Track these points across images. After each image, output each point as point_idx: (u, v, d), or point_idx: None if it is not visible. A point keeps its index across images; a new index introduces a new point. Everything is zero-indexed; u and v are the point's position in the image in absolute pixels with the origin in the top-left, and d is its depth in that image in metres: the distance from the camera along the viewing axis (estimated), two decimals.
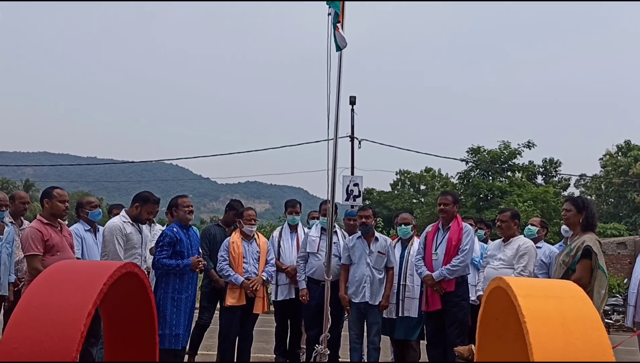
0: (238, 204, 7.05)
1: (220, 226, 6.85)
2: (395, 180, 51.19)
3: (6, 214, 5.82)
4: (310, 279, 6.34)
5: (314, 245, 6.39)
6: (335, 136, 5.34)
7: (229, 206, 7.02)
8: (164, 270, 5.44)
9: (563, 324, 2.35)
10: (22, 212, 6.42)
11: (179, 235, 5.56)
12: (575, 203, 5.13)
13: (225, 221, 6.89)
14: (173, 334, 5.37)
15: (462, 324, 5.83)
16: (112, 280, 2.56)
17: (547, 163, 38.69)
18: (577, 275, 4.74)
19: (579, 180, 44.12)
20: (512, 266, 5.69)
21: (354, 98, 17.96)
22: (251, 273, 6.16)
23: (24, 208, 6.44)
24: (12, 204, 6.35)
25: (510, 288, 2.59)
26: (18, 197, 6.49)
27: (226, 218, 6.91)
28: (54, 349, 2.24)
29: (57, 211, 5.19)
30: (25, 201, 6.47)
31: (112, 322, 3.21)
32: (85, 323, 2.32)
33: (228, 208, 7.00)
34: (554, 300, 2.48)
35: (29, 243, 4.95)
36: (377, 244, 6.18)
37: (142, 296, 3.07)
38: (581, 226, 5.02)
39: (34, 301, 2.41)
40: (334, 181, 5.38)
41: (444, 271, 5.81)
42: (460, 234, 5.93)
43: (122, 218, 5.58)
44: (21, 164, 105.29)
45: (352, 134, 18.52)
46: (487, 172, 33.90)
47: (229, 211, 6.90)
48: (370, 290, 6.06)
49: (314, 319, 6.06)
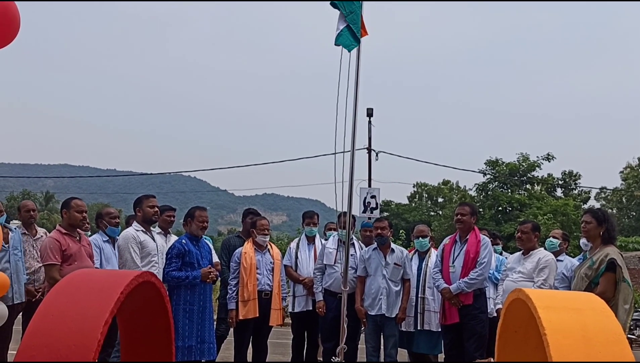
0: (254, 211, 7.04)
1: (241, 237, 6.82)
2: (413, 193, 50.99)
3: (3, 220, 5.87)
4: (327, 291, 6.31)
5: (330, 257, 6.36)
6: (352, 148, 5.35)
7: (245, 214, 7.00)
8: (174, 283, 5.43)
9: (584, 337, 2.30)
10: (29, 221, 6.48)
11: (187, 246, 5.53)
12: (595, 215, 5.04)
13: (246, 230, 6.88)
14: (186, 346, 5.34)
15: (480, 337, 5.75)
16: (129, 288, 2.57)
17: (567, 175, 38.27)
18: (601, 288, 4.63)
19: (600, 193, 43.58)
20: (532, 279, 5.59)
21: (371, 110, 17.95)
22: (265, 284, 6.13)
23: (31, 215, 6.48)
24: (19, 214, 6.47)
25: (531, 300, 2.55)
26: (23, 207, 6.57)
27: (245, 226, 6.90)
28: (71, 357, 2.25)
29: (75, 221, 5.27)
30: (30, 209, 6.52)
31: (129, 331, 3.22)
32: (103, 331, 2.33)
33: (244, 216, 6.98)
34: (575, 313, 2.43)
35: (47, 252, 5.04)
36: (393, 255, 6.14)
37: (159, 306, 3.08)
38: (602, 238, 4.92)
39: (51, 309, 2.42)
40: (350, 192, 5.38)
41: (461, 284, 5.75)
42: (478, 246, 5.86)
43: (135, 227, 5.65)
44: (42, 176, 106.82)
45: (370, 146, 18.50)
46: (505, 184, 33.61)
47: (246, 220, 6.88)
48: (387, 302, 6.02)
49: (331, 331, 6.02)
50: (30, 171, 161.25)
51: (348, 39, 5.25)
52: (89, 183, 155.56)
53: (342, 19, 5.29)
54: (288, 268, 6.69)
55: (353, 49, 5.30)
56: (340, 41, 5.25)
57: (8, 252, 5.75)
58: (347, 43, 5.25)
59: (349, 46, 5.26)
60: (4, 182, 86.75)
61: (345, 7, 5.27)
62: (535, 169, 33.10)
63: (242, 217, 7.06)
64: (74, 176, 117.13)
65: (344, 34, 5.26)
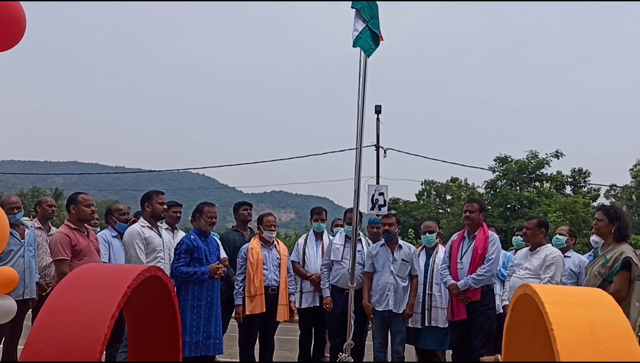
0: (246, 202, 7.03)
1: (238, 231, 6.85)
2: (421, 190, 50.87)
3: (21, 216, 5.92)
4: (334, 287, 6.31)
5: (337, 253, 6.36)
6: (359, 145, 5.35)
7: (237, 206, 6.99)
8: (182, 278, 5.45)
9: (592, 332, 2.28)
10: (49, 216, 6.54)
11: (196, 242, 5.55)
12: (607, 213, 4.93)
13: (240, 221, 6.88)
14: (193, 341, 5.36)
15: (487, 334, 5.74)
16: (136, 283, 2.57)
17: (576, 173, 38.04)
18: (615, 287, 4.55)
19: (609, 190, 43.30)
20: (539, 276, 5.57)
21: (379, 107, 17.93)
22: (271, 280, 6.14)
23: (52, 211, 6.55)
24: (39, 208, 6.47)
25: (538, 295, 2.53)
26: (44, 201, 6.60)
27: (238, 218, 6.89)
28: (78, 351, 2.26)
29: (84, 216, 5.29)
30: (52, 205, 6.58)
31: (136, 326, 3.22)
32: (109, 325, 2.33)
33: (236, 209, 6.96)
34: (583, 308, 2.41)
35: (58, 247, 5.06)
36: (400, 252, 6.13)
37: (166, 300, 3.08)
38: (614, 236, 4.82)
39: (59, 303, 2.43)
40: (358, 188, 5.37)
41: (469, 281, 5.74)
42: (486, 243, 5.85)
43: (140, 223, 5.64)
44: (51, 173, 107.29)
45: (378, 143, 18.47)
46: (514, 182, 33.46)
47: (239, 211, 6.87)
48: (394, 298, 6.01)
49: (338, 327, 6.02)
50: (40, 168, 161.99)
51: (367, 42, 5.24)
52: (98, 180, 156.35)
53: (360, 19, 5.26)
54: (295, 264, 6.69)
55: (372, 53, 5.30)
56: (359, 44, 5.24)
57: (23, 248, 5.79)
58: (367, 47, 5.24)
59: (368, 50, 5.26)
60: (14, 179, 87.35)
61: (366, 12, 5.26)
62: (545, 167, 32.95)
63: (234, 210, 7.02)
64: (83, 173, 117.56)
65: (363, 37, 5.24)
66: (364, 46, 5.22)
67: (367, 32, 5.22)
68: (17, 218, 5.79)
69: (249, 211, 6.89)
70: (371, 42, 5.24)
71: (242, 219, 6.89)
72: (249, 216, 6.90)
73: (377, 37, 5.27)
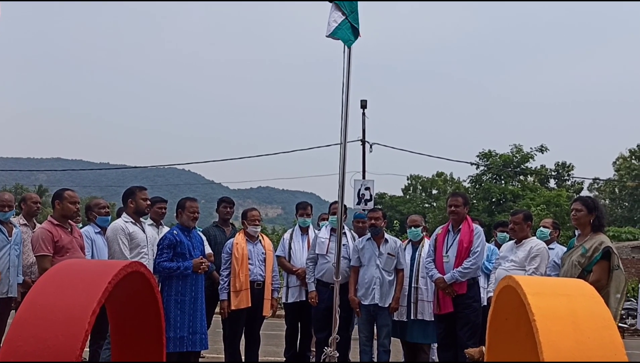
0: (227, 199, 6.98)
1: (219, 227, 6.82)
2: (407, 185, 51.06)
3: (11, 215, 5.85)
4: (320, 281, 6.31)
5: (323, 247, 6.36)
6: (344, 139, 5.34)
7: (219, 202, 6.93)
8: (165, 273, 5.41)
9: (574, 322, 2.30)
10: (34, 212, 6.46)
11: (179, 237, 5.52)
12: (585, 203, 5.04)
13: (221, 218, 6.85)
14: (177, 337, 5.34)
15: (473, 326, 5.77)
16: (118, 278, 2.55)
17: (560, 166, 38.39)
18: (595, 276, 4.63)
19: (593, 184, 43.77)
20: (524, 267, 5.62)
21: (365, 102, 17.94)
22: (257, 274, 6.13)
23: (37, 207, 6.47)
24: (24, 205, 6.39)
25: (520, 287, 2.55)
26: (29, 198, 6.52)
27: (220, 215, 6.85)
28: (59, 347, 2.23)
29: (68, 212, 5.25)
30: (37, 201, 6.51)
31: (119, 322, 3.20)
32: (90, 321, 2.31)
33: (218, 205, 6.92)
34: (565, 298, 2.43)
35: (39, 243, 5.02)
36: (386, 246, 6.14)
37: (149, 296, 3.06)
38: (592, 226, 4.93)
39: (39, 299, 2.40)
40: (343, 182, 5.37)
41: (455, 274, 5.76)
42: (471, 236, 5.87)
43: (124, 219, 5.58)
44: (35, 169, 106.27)
45: (364, 138, 18.49)
46: (499, 176, 33.68)
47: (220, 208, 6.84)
48: (380, 292, 6.02)
49: (323, 321, 6.02)
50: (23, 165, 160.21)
51: (346, 34, 5.25)
52: (82, 176, 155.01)
53: (340, 12, 5.26)
54: (281, 259, 6.68)
55: (352, 44, 5.31)
56: (339, 35, 5.24)
57: (9, 245, 5.71)
58: (346, 38, 5.26)
59: (348, 41, 5.27)
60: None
61: (346, 6, 5.27)
62: (529, 161, 33.19)
63: (216, 206, 6.97)
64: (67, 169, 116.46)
65: (342, 29, 5.25)
66: (343, 37, 5.22)
67: (347, 24, 5.23)
68: (6, 216, 5.72)
69: (228, 208, 6.83)
70: (350, 35, 5.25)
71: (221, 217, 6.85)
72: (227, 214, 6.83)
73: (357, 31, 5.28)
